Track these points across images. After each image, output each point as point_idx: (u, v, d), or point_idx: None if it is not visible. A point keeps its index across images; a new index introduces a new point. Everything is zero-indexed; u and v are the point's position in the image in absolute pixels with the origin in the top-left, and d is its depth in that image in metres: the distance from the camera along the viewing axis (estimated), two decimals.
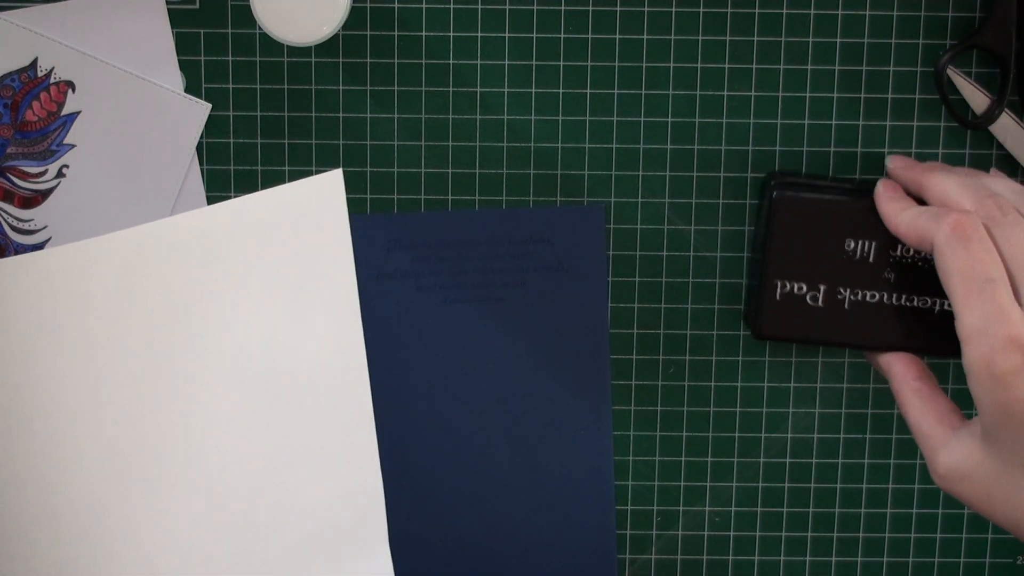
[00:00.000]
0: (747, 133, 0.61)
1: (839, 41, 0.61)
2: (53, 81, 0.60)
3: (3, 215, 0.61)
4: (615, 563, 0.64)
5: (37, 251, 0.61)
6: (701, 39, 0.61)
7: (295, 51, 0.61)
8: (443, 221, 0.62)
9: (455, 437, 0.63)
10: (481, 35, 0.61)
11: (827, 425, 0.63)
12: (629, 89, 0.61)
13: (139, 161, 0.61)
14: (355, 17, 0.60)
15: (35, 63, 0.60)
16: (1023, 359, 0.49)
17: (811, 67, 0.61)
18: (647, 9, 0.60)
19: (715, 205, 0.62)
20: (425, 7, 0.60)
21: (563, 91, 0.61)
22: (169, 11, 0.60)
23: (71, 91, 0.60)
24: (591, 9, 0.60)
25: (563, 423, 0.63)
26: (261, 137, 0.61)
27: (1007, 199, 0.53)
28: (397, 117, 0.61)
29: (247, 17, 0.60)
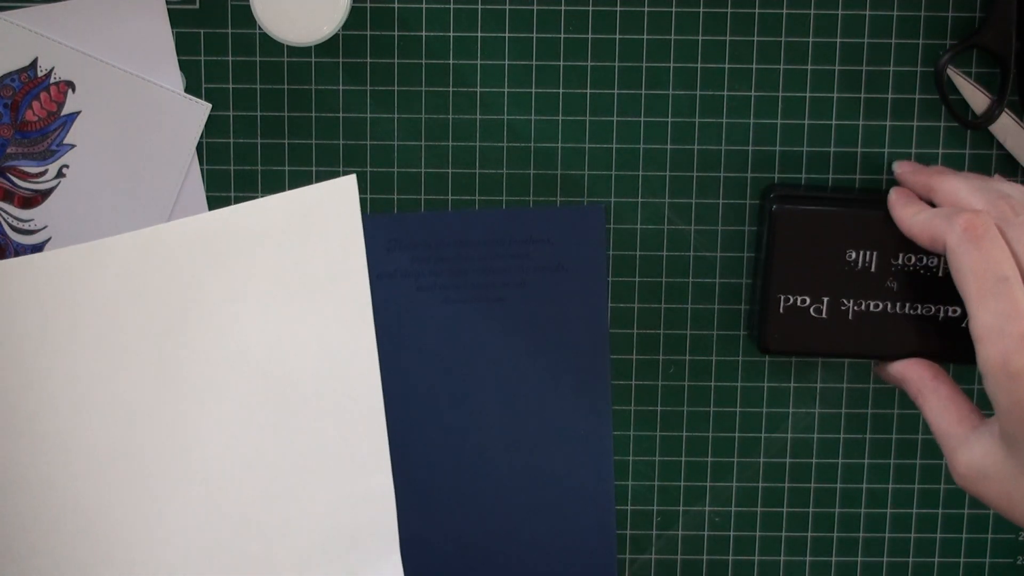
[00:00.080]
0: (747, 133, 0.61)
1: (839, 41, 0.61)
2: (53, 81, 0.60)
3: (3, 215, 0.61)
4: (615, 563, 0.64)
5: (38, 253, 0.61)
6: (701, 39, 0.61)
7: (295, 51, 0.61)
8: (443, 221, 0.62)
9: (454, 437, 0.63)
10: (481, 35, 0.61)
11: (827, 425, 0.63)
12: (629, 89, 0.61)
13: (139, 161, 0.61)
14: (355, 17, 0.60)
15: (35, 63, 0.60)
16: None
17: (811, 67, 0.61)
18: (647, 9, 0.60)
19: (715, 205, 0.62)
20: (425, 7, 0.60)
21: (563, 91, 0.61)
22: (169, 11, 0.60)
23: (71, 91, 0.60)
24: (591, 9, 0.60)
25: (563, 423, 0.63)
26: (261, 137, 0.61)
27: (1018, 199, 0.53)
28: (397, 117, 0.61)
29: (247, 17, 0.60)
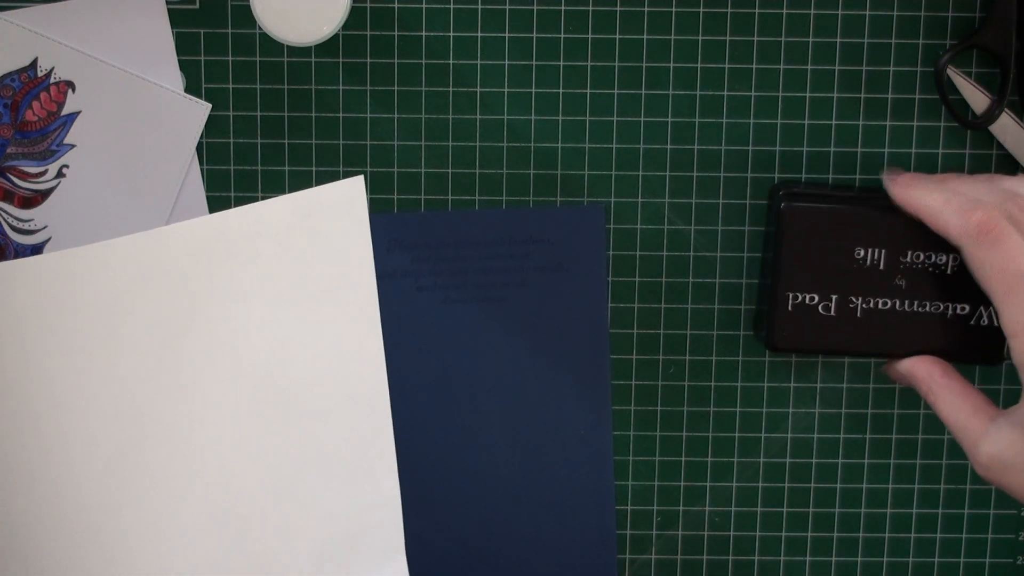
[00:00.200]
0: (747, 133, 0.61)
1: (839, 41, 0.61)
2: (53, 81, 0.60)
3: (3, 215, 0.61)
4: (615, 563, 0.64)
5: (40, 255, 0.61)
6: (701, 39, 0.61)
7: (295, 51, 0.61)
8: (443, 221, 0.62)
9: (454, 437, 0.63)
10: (481, 35, 0.61)
11: (827, 425, 0.63)
12: (629, 89, 0.61)
13: (139, 161, 0.61)
14: (355, 17, 0.60)
15: (35, 63, 0.60)
16: None
17: (811, 67, 0.61)
18: (647, 9, 0.60)
19: (715, 205, 0.62)
20: (425, 7, 0.60)
21: (563, 91, 0.61)
22: (169, 11, 0.60)
23: (71, 91, 0.60)
24: (591, 9, 0.60)
25: (563, 423, 0.63)
26: (261, 137, 0.61)
27: None
28: (397, 117, 0.61)
29: (247, 17, 0.60)
